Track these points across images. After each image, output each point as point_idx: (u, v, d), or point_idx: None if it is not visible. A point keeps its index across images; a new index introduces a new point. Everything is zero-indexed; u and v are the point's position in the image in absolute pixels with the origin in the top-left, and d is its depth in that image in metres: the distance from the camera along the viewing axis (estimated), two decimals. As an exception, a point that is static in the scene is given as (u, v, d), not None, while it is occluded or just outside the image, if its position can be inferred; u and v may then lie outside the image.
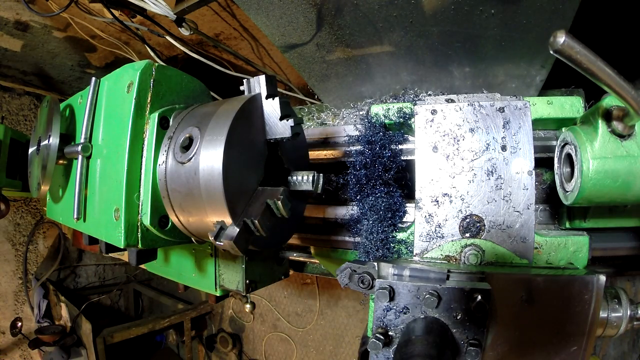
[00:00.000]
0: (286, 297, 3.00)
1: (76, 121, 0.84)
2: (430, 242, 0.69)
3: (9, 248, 2.73)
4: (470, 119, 0.69)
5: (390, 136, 0.79)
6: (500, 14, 0.66)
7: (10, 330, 2.41)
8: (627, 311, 0.62)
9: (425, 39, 0.76)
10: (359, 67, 0.90)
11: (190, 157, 0.59)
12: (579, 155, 0.58)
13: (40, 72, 2.52)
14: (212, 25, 1.91)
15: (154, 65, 0.67)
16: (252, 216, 0.56)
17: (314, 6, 0.72)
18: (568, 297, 0.56)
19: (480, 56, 0.79)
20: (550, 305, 0.56)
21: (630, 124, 0.54)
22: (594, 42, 0.48)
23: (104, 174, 0.71)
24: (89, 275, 3.28)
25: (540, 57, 0.76)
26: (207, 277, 1.03)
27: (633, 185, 0.56)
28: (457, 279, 0.58)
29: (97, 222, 0.72)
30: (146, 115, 0.67)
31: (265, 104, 0.62)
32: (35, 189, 0.86)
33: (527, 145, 0.67)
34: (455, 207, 0.69)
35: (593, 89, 0.59)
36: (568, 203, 0.64)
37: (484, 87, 0.88)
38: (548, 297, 0.56)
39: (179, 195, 0.62)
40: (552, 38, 0.40)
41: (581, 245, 0.68)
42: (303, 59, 0.90)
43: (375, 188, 0.77)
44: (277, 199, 0.57)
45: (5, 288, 2.70)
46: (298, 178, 0.66)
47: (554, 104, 0.70)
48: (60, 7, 1.49)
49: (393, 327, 0.56)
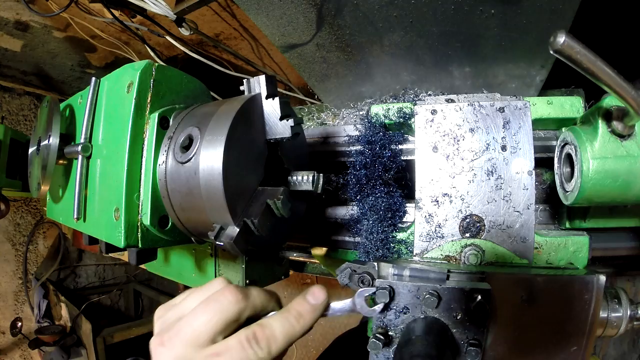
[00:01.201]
0: (286, 297, 3.00)
1: (76, 121, 0.84)
2: (430, 242, 0.69)
3: (9, 248, 2.73)
4: (470, 119, 0.69)
5: (390, 136, 0.79)
6: (500, 14, 0.66)
7: (10, 330, 2.41)
8: (627, 311, 0.62)
9: (425, 39, 0.76)
10: (359, 67, 0.90)
11: (190, 157, 0.59)
12: (579, 155, 0.58)
13: (40, 72, 2.52)
14: (212, 25, 1.91)
15: (154, 65, 0.67)
16: (252, 216, 0.56)
17: (314, 6, 0.72)
18: (568, 297, 0.56)
19: (480, 56, 0.79)
20: (550, 305, 0.56)
21: (630, 124, 0.54)
22: (594, 42, 0.48)
23: (104, 174, 0.71)
24: (89, 275, 3.28)
25: (540, 57, 0.76)
26: (207, 277, 1.03)
27: (633, 185, 0.56)
28: (457, 279, 0.58)
29: (97, 222, 0.72)
30: (146, 115, 0.67)
31: (265, 104, 0.62)
32: (35, 189, 0.86)
33: (527, 145, 0.67)
34: (455, 207, 0.69)
35: (593, 89, 0.59)
36: (568, 203, 0.64)
37: (484, 87, 0.88)
38: (548, 297, 0.56)
39: (179, 195, 0.63)
40: (552, 38, 0.40)
41: (581, 245, 0.68)
42: (303, 59, 0.90)
43: (375, 188, 0.77)
44: (277, 199, 0.57)
45: (5, 288, 2.70)
46: (298, 178, 0.66)
47: (554, 104, 0.70)
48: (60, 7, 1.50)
49: (393, 327, 0.56)
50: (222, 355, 0.47)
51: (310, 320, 0.54)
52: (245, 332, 0.49)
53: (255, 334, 0.49)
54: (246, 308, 0.51)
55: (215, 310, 0.49)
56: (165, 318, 0.53)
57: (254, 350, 0.47)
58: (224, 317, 0.49)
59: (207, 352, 0.47)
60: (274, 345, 0.49)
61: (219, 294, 0.51)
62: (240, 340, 0.48)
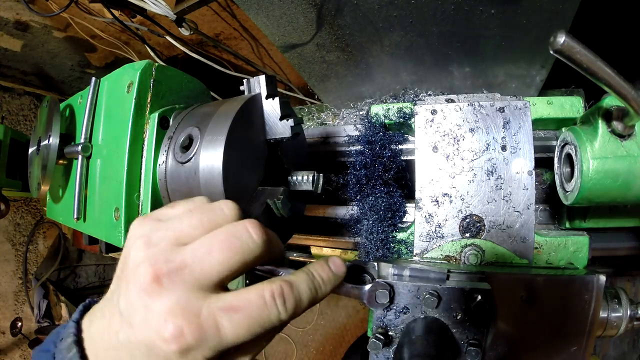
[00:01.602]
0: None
1: (76, 121, 0.84)
2: (430, 242, 0.69)
3: (9, 248, 2.73)
4: (470, 119, 0.69)
5: (390, 136, 0.79)
6: (500, 14, 0.66)
7: (10, 330, 2.41)
8: (627, 311, 0.62)
9: (425, 39, 0.76)
10: (359, 67, 0.90)
11: (190, 157, 0.59)
12: (579, 155, 0.58)
13: (40, 72, 2.52)
14: (212, 25, 1.91)
15: (154, 65, 0.67)
16: (252, 216, 0.56)
17: (314, 6, 0.72)
18: (568, 297, 0.56)
19: (480, 56, 0.79)
20: (550, 305, 0.56)
21: (630, 124, 0.54)
22: (594, 42, 0.48)
23: (104, 174, 0.71)
24: (89, 275, 3.28)
25: (540, 57, 0.76)
26: (207, 277, 1.03)
27: (633, 185, 0.56)
28: (457, 279, 0.58)
29: (97, 222, 0.72)
30: (146, 115, 0.67)
31: (265, 104, 0.62)
32: (35, 189, 0.86)
33: (527, 145, 0.67)
34: (455, 207, 0.69)
35: (593, 89, 0.59)
36: (568, 203, 0.64)
37: (484, 87, 0.88)
38: (548, 297, 0.56)
39: (179, 195, 0.63)
40: (552, 38, 0.40)
41: (581, 245, 0.68)
42: (303, 59, 0.90)
43: (375, 188, 0.77)
44: (277, 199, 0.57)
45: (5, 288, 2.70)
46: (298, 178, 0.66)
47: (554, 104, 0.70)
48: (60, 7, 1.49)
49: (393, 327, 0.56)
50: (240, 312, 0.37)
51: (329, 290, 0.47)
52: (270, 286, 0.39)
53: (283, 291, 0.39)
54: (266, 255, 0.41)
55: (236, 249, 0.38)
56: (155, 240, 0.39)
57: (278, 311, 0.39)
58: (244, 261, 0.39)
59: (220, 304, 0.37)
60: (299, 308, 0.41)
61: (241, 229, 0.40)
62: (263, 295, 0.38)
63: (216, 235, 0.39)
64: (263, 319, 0.38)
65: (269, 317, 0.38)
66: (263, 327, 0.38)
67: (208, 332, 0.36)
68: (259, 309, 0.38)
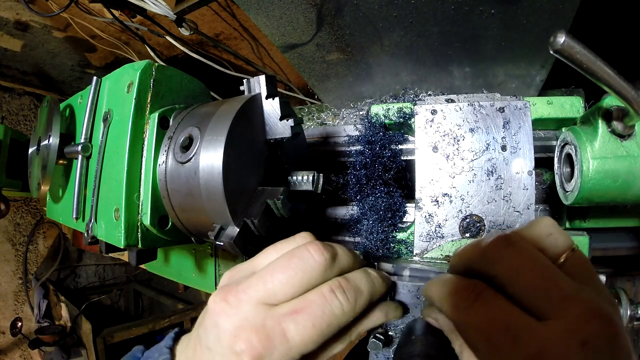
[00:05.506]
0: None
1: (76, 121, 0.84)
2: (430, 242, 0.69)
3: (9, 248, 2.73)
4: (470, 119, 0.69)
5: (390, 136, 0.79)
6: (500, 14, 0.66)
7: (10, 330, 2.41)
8: (627, 311, 0.62)
9: (425, 39, 0.76)
10: (359, 67, 0.90)
11: (190, 157, 0.59)
12: (579, 155, 0.58)
13: (40, 72, 2.52)
14: (212, 25, 1.91)
15: (154, 65, 0.67)
16: (252, 216, 0.56)
17: (314, 6, 0.72)
18: (568, 297, 0.56)
19: (480, 56, 0.79)
20: (550, 305, 0.56)
21: (630, 124, 0.55)
22: (594, 42, 0.48)
23: (104, 174, 0.71)
24: (89, 275, 3.28)
25: (540, 57, 0.76)
26: (207, 277, 1.03)
27: (633, 185, 0.56)
28: (457, 279, 0.58)
29: (97, 222, 0.72)
30: (146, 115, 0.67)
31: (265, 104, 0.62)
32: (35, 189, 0.86)
33: (527, 145, 0.67)
34: (455, 207, 0.69)
35: (593, 89, 0.59)
36: (568, 203, 0.64)
37: (484, 87, 0.88)
38: (548, 297, 0.56)
39: (179, 195, 0.63)
40: (552, 38, 0.40)
41: (581, 245, 0.68)
42: (303, 59, 0.90)
43: (375, 188, 0.77)
44: (277, 199, 0.57)
45: (5, 288, 2.70)
46: (298, 178, 0.66)
47: (554, 104, 0.70)
48: (60, 7, 1.49)
49: (393, 327, 0.56)
50: (302, 312, 0.38)
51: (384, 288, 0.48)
52: (328, 284, 0.41)
53: (340, 284, 0.41)
54: (332, 273, 0.43)
55: (297, 268, 0.40)
56: (233, 272, 0.44)
57: (339, 301, 0.40)
58: (306, 279, 0.40)
59: (282, 311, 0.39)
60: (360, 299, 0.42)
61: (303, 250, 0.42)
62: (322, 292, 0.40)
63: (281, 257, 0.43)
64: (326, 314, 0.39)
65: (332, 311, 0.39)
66: (329, 324, 0.39)
67: (276, 338, 0.38)
68: (321, 305, 0.39)
